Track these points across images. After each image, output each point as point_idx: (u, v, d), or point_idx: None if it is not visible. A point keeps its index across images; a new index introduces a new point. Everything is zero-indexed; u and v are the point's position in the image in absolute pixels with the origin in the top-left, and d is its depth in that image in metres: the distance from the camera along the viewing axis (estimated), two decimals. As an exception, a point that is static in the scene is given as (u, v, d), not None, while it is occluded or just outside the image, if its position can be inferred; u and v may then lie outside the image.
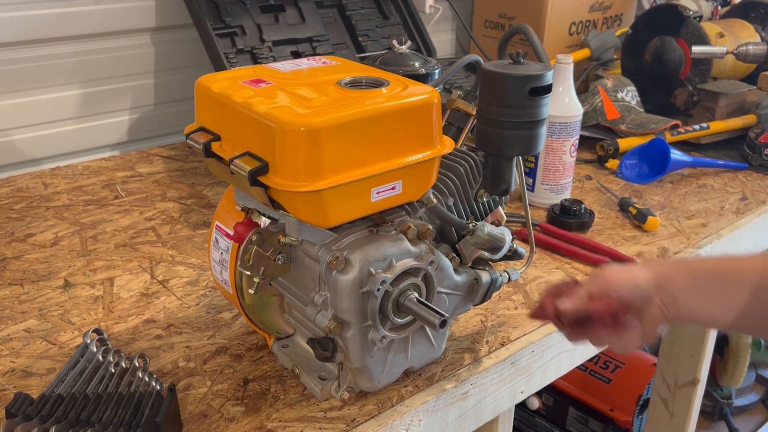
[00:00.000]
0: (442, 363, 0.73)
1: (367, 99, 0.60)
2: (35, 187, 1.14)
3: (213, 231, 0.71)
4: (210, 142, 0.63)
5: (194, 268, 0.91)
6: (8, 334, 0.77)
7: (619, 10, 1.68)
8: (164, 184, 1.17)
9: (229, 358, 0.73)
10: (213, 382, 0.70)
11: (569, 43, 1.61)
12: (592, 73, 1.57)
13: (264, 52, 1.25)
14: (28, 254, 0.94)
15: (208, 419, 0.65)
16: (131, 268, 0.91)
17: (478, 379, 0.73)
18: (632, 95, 1.43)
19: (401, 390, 0.69)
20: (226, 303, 0.82)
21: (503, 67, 0.69)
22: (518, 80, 0.67)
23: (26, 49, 1.20)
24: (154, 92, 1.36)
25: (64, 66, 1.24)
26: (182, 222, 1.03)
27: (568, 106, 1.10)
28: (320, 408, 0.67)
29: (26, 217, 1.04)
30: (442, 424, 0.71)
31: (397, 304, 0.64)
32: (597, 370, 1.67)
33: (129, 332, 0.77)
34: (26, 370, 0.71)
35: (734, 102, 1.43)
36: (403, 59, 0.77)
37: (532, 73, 0.67)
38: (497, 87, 0.68)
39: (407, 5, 1.47)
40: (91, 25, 1.24)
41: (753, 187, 1.22)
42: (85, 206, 1.08)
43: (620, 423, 1.61)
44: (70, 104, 1.27)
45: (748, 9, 1.65)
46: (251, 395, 0.68)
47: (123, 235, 0.99)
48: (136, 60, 1.32)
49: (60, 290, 0.85)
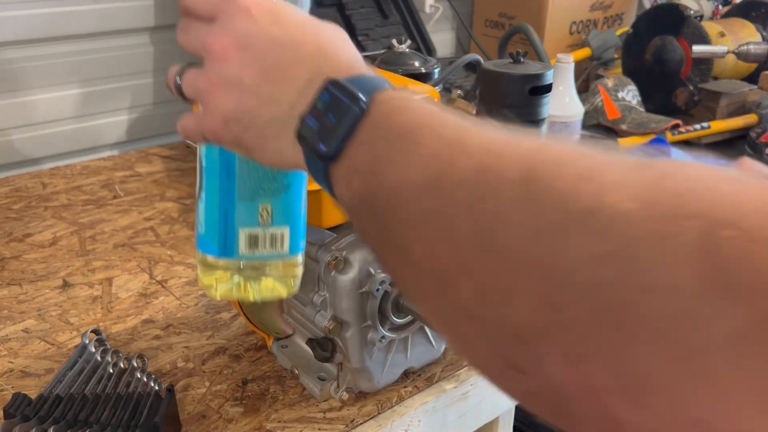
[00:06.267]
0: (442, 363, 0.73)
1: (367, 98, 0.60)
2: (34, 187, 1.14)
3: (212, 231, 0.71)
4: (209, 142, 0.63)
5: (193, 268, 0.90)
6: (6, 334, 0.77)
7: (619, 9, 1.68)
8: (163, 183, 1.16)
9: (227, 359, 0.73)
10: (212, 383, 0.69)
11: (570, 42, 1.61)
12: (593, 72, 1.57)
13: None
14: (26, 254, 0.93)
15: (207, 420, 0.65)
16: (130, 268, 0.90)
17: (478, 379, 0.72)
18: (633, 95, 1.43)
19: (401, 390, 0.69)
20: (225, 303, 0.82)
21: (503, 67, 0.69)
22: (518, 79, 0.67)
23: (25, 48, 1.19)
24: (153, 92, 1.36)
25: (63, 65, 1.24)
26: (181, 222, 1.03)
27: (569, 105, 1.09)
28: (319, 408, 0.66)
29: (25, 216, 1.04)
30: (441, 425, 0.70)
31: (396, 304, 0.63)
32: (597, 371, 1.67)
33: (127, 332, 0.77)
34: (24, 370, 0.71)
35: (735, 102, 1.43)
36: (402, 58, 0.77)
37: (532, 72, 0.67)
38: (497, 86, 0.68)
39: (407, 4, 1.46)
40: (89, 25, 1.24)
41: (754, 186, 1.22)
42: (84, 206, 1.08)
43: (621, 423, 1.61)
44: (68, 104, 1.27)
45: (749, 8, 1.65)
46: (250, 396, 0.68)
47: (122, 235, 0.99)
48: (135, 59, 1.32)
49: (58, 290, 0.85)
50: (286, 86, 0.43)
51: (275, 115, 0.43)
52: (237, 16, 0.44)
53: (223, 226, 0.52)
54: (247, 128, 0.44)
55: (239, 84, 0.43)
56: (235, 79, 0.43)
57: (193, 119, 0.47)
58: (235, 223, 0.51)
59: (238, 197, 0.51)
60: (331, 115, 0.39)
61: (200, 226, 0.53)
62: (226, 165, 0.51)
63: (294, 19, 0.45)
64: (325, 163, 0.40)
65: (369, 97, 0.39)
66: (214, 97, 0.44)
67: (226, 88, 0.44)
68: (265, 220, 0.52)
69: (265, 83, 0.43)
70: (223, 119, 0.44)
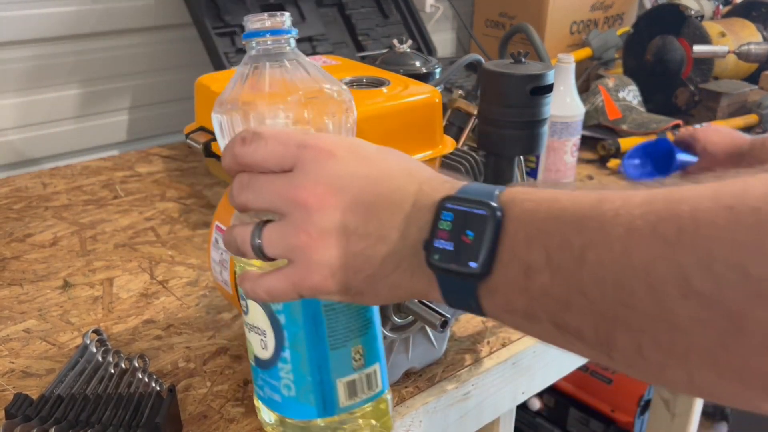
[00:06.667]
0: (443, 364, 0.73)
1: (368, 98, 0.60)
2: (34, 187, 1.14)
3: (213, 231, 0.71)
4: (210, 142, 0.63)
5: (194, 268, 0.90)
6: (7, 334, 0.76)
7: (620, 9, 1.68)
8: (164, 184, 1.16)
9: (229, 359, 0.73)
10: (213, 383, 0.69)
11: (570, 42, 1.61)
12: (594, 72, 1.57)
13: (264, 51, 1.25)
14: (27, 254, 0.93)
15: (208, 420, 0.65)
16: (131, 269, 0.90)
17: (479, 380, 0.72)
18: (634, 95, 1.43)
19: (402, 391, 0.69)
20: (226, 303, 0.82)
21: (504, 67, 0.69)
22: (519, 80, 0.67)
23: (24, 48, 1.19)
24: (153, 92, 1.36)
25: (63, 65, 1.24)
26: (182, 222, 1.03)
27: (570, 105, 1.09)
28: (320, 409, 0.66)
29: (25, 217, 1.04)
30: (442, 426, 0.70)
31: (397, 304, 0.63)
32: (598, 371, 1.67)
33: (128, 333, 0.77)
34: (25, 370, 0.71)
35: (736, 102, 1.43)
36: (403, 58, 0.77)
37: (533, 72, 0.67)
38: (498, 86, 0.68)
39: (407, 4, 1.46)
40: (89, 24, 1.24)
41: (754, 186, 1.22)
42: (85, 206, 1.08)
43: (621, 424, 1.61)
44: (68, 104, 1.27)
45: (750, 8, 1.65)
46: (251, 396, 0.68)
47: (122, 235, 0.99)
48: (135, 59, 1.32)
49: (59, 290, 0.85)
50: (392, 219, 0.40)
51: (388, 251, 0.40)
52: (320, 162, 0.41)
53: (319, 383, 0.47)
54: (358, 273, 0.41)
55: (344, 230, 0.40)
56: (339, 227, 0.40)
57: (281, 279, 0.43)
58: (332, 376, 0.47)
59: (330, 347, 0.47)
60: (469, 231, 0.38)
61: (285, 390, 0.48)
62: (311, 316, 0.46)
63: (372, 151, 0.43)
64: (475, 281, 0.38)
65: (497, 201, 0.38)
66: (316, 250, 0.41)
67: (328, 238, 0.41)
68: (358, 363, 0.48)
69: (371, 222, 0.40)
70: (330, 270, 0.41)
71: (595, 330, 0.35)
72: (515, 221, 0.37)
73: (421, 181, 0.42)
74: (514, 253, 0.37)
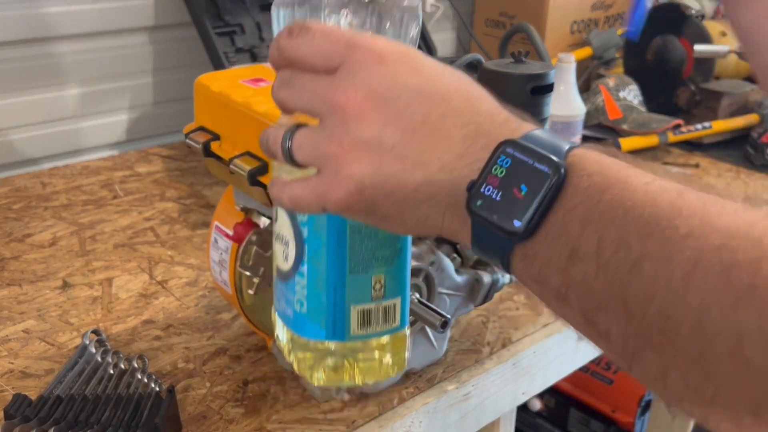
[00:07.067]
0: (443, 364, 0.73)
1: (368, 98, 0.60)
2: (33, 187, 1.14)
3: (212, 231, 0.71)
4: (209, 142, 0.63)
5: (193, 268, 0.90)
6: (6, 334, 0.76)
7: (620, 8, 1.68)
8: (163, 183, 1.16)
9: (228, 359, 0.73)
10: (212, 384, 0.69)
11: (571, 41, 1.61)
12: (594, 72, 1.56)
13: (264, 50, 1.24)
14: (26, 254, 0.93)
15: (208, 420, 0.64)
16: (130, 269, 0.90)
17: (480, 380, 0.72)
18: (634, 94, 1.42)
19: (402, 391, 0.69)
20: (226, 304, 0.82)
21: (504, 66, 0.68)
22: (520, 79, 0.67)
23: (23, 48, 1.19)
24: (152, 91, 1.35)
25: (62, 65, 1.24)
26: (181, 222, 1.03)
27: (571, 105, 1.09)
28: (320, 410, 0.66)
29: (24, 217, 1.04)
30: (443, 426, 0.70)
31: (398, 304, 0.63)
32: (599, 371, 1.67)
33: (128, 333, 0.77)
34: (24, 371, 0.71)
35: (737, 101, 1.43)
36: (403, 58, 0.77)
37: (533, 72, 0.67)
38: (499, 86, 0.67)
39: (408, 4, 1.46)
40: (88, 24, 1.24)
41: (756, 187, 1.22)
42: (84, 206, 1.07)
43: (622, 424, 1.61)
44: (68, 103, 1.27)
45: (750, 8, 1.65)
46: (251, 396, 0.67)
47: (122, 235, 0.99)
48: (135, 59, 1.32)
49: (58, 291, 0.85)
50: (436, 146, 0.37)
51: (424, 179, 0.37)
52: (368, 66, 0.37)
53: (332, 304, 0.45)
54: (388, 195, 0.38)
55: (380, 146, 0.37)
56: (374, 141, 0.37)
57: (307, 188, 0.40)
58: (346, 301, 0.45)
59: (349, 270, 0.45)
60: (523, 185, 0.34)
61: (298, 305, 0.46)
62: (335, 235, 0.44)
63: (432, 66, 0.39)
64: (513, 240, 0.35)
65: (564, 162, 0.34)
66: (347, 162, 0.37)
67: (362, 151, 0.37)
68: (378, 293, 0.46)
69: (411, 143, 0.37)
70: (357, 187, 0.38)
71: (623, 340, 0.32)
72: (578, 193, 0.33)
73: (479, 112, 0.38)
74: (565, 228, 0.33)
